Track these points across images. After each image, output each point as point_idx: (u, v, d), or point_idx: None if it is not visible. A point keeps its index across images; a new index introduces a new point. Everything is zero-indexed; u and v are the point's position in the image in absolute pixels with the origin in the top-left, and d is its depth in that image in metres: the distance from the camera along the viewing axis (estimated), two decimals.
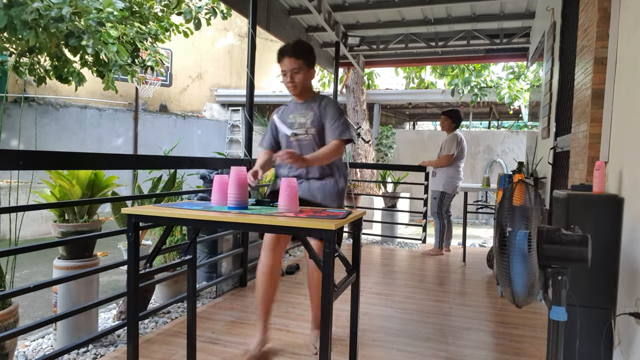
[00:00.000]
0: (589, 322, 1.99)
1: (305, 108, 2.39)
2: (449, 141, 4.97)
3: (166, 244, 3.00)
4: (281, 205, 1.60)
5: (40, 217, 7.10)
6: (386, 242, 5.94)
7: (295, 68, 2.29)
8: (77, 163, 2.28)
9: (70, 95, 9.93)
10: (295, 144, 2.39)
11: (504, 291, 1.53)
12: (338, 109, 2.39)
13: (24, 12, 4.88)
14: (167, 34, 7.03)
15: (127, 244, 1.64)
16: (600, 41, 2.40)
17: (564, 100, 3.77)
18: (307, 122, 2.36)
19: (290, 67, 2.30)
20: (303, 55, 2.31)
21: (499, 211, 1.50)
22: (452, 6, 5.31)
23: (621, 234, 2.00)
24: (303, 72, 2.32)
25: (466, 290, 3.67)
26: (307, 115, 2.37)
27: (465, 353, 2.44)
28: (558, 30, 3.98)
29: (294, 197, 1.61)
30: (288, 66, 2.30)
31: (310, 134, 2.36)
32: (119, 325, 2.50)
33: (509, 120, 17.52)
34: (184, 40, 7.79)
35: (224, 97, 12.96)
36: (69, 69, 6.06)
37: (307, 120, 2.37)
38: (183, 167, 3.12)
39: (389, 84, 13.69)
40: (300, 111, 2.40)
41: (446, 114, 5.11)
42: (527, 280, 1.45)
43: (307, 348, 2.39)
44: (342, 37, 6.25)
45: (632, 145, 1.96)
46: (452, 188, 4.93)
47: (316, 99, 2.42)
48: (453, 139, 4.96)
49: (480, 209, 7.13)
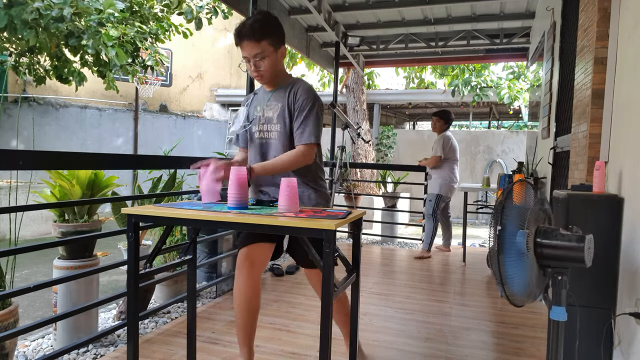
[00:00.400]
0: (589, 322, 1.99)
1: (270, 97, 1.97)
2: (438, 142, 4.94)
3: (166, 244, 3.00)
4: (281, 205, 1.60)
5: (40, 217, 7.10)
6: (386, 242, 5.94)
7: (258, 53, 1.83)
8: (77, 163, 2.27)
9: (70, 95, 9.93)
10: (259, 143, 1.99)
11: (500, 290, 1.53)
12: (311, 99, 1.93)
13: (24, 12, 4.88)
14: (167, 34, 7.04)
15: (127, 244, 1.64)
16: (600, 41, 2.40)
17: (564, 100, 3.77)
18: (274, 115, 1.94)
19: (252, 53, 1.84)
20: (267, 35, 1.83)
21: (495, 210, 1.50)
22: (452, 6, 5.31)
23: (621, 234, 2.00)
24: (269, 56, 1.86)
25: (466, 290, 3.67)
26: (273, 107, 1.96)
27: (465, 353, 2.44)
28: (558, 30, 3.98)
29: (294, 197, 1.60)
30: (249, 52, 1.84)
31: (275, 130, 1.94)
32: (119, 325, 2.50)
33: (509, 120, 17.52)
34: (184, 40, 7.79)
35: (224, 97, 12.96)
36: (69, 69, 6.06)
37: (273, 114, 1.95)
38: (183, 167, 3.12)
39: (389, 84, 13.70)
40: (267, 102, 1.98)
41: (438, 114, 5.07)
42: (524, 280, 1.45)
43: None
44: (342, 37, 6.25)
45: (632, 145, 1.96)
46: (447, 190, 4.91)
47: (286, 85, 1.97)
48: (441, 140, 4.93)
49: (480, 209, 7.12)
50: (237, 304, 1.91)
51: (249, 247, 1.90)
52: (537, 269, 1.48)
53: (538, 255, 1.47)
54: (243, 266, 1.89)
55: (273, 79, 1.95)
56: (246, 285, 1.89)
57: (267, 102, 1.97)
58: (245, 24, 1.84)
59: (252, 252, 1.90)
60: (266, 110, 1.96)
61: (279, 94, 1.96)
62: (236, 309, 1.93)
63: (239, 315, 1.92)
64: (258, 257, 1.91)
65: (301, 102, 1.90)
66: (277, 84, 1.98)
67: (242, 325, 1.93)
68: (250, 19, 1.86)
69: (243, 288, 1.89)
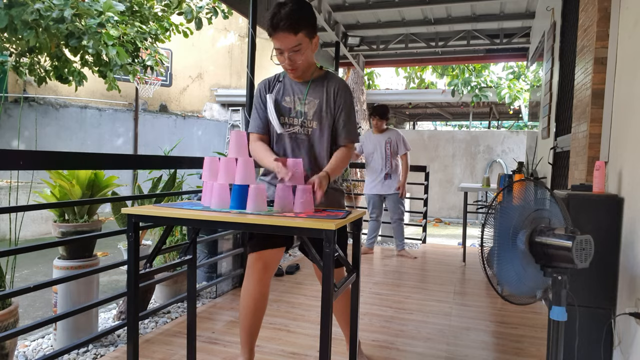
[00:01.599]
0: (589, 322, 1.99)
1: (307, 92, 1.86)
2: (403, 138, 4.77)
3: (166, 244, 3.00)
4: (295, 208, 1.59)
5: (40, 217, 7.10)
6: (386, 242, 5.94)
7: (295, 46, 1.72)
8: (77, 163, 2.27)
9: (70, 95, 9.93)
10: (288, 136, 1.89)
11: (498, 288, 1.54)
12: (349, 95, 1.90)
13: (24, 13, 4.88)
14: (167, 34, 7.04)
15: (127, 244, 1.64)
16: (600, 41, 2.40)
17: (564, 100, 3.77)
18: (310, 112, 1.86)
19: (288, 46, 1.72)
20: (304, 26, 1.71)
21: (491, 208, 1.50)
22: (452, 6, 5.31)
23: (621, 234, 2.00)
24: (305, 48, 1.75)
25: (466, 290, 3.67)
26: (309, 103, 1.86)
27: (465, 353, 2.44)
28: (558, 30, 3.98)
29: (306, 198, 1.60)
30: (286, 44, 1.72)
31: (309, 127, 1.87)
32: (119, 325, 2.50)
33: (509, 120, 17.53)
34: (184, 40, 7.80)
35: (224, 97, 12.96)
36: (69, 69, 6.07)
37: (309, 110, 1.86)
38: (183, 167, 3.12)
39: (390, 84, 13.70)
40: (300, 95, 1.88)
41: (378, 114, 4.70)
42: (518, 279, 1.45)
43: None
44: (342, 37, 6.25)
45: (632, 145, 1.96)
46: (367, 189, 4.88)
47: (322, 78, 1.88)
48: (399, 135, 4.77)
49: (480, 209, 7.13)
50: (244, 306, 1.91)
51: (263, 252, 1.91)
52: (534, 268, 1.48)
53: (535, 254, 1.47)
54: (255, 270, 1.89)
55: (305, 72, 1.86)
56: (255, 289, 1.90)
57: (303, 96, 1.87)
58: (280, 13, 1.68)
59: (265, 256, 1.90)
60: (298, 104, 1.87)
61: (315, 89, 1.87)
62: (242, 310, 1.92)
63: (245, 317, 1.92)
64: (270, 262, 1.92)
65: (347, 103, 1.88)
66: (308, 76, 1.88)
67: (246, 326, 1.93)
68: (284, 6, 1.70)
69: (252, 291, 1.90)
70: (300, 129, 1.88)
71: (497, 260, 1.48)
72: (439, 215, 10.67)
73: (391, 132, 4.77)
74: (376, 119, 4.72)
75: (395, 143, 4.71)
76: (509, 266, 1.48)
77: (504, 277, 1.48)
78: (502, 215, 1.50)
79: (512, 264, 1.47)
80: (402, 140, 4.73)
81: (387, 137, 4.71)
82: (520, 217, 1.48)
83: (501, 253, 1.49)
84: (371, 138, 4.79)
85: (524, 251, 1.47)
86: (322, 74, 1.91)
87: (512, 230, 1.48)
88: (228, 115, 12.86)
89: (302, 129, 1.88)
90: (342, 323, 2.13)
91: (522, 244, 1.47)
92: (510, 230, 1.47)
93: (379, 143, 4.71)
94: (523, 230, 1.49)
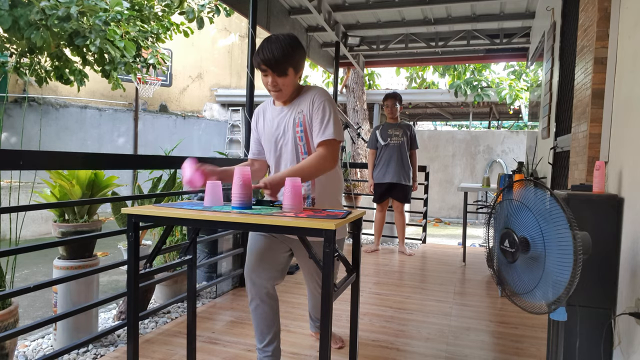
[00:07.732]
0: (589, 322, 1.99)
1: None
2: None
3: (166, 244, 3.00)
4: (284, 205, 1.59)
5: (40, 217, 7.10)
6: (386, 242, 5.94)
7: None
8: (77, 163, 2.27)
9: (70, 96, 9.94)
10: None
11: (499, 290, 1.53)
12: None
13: (30, 12, 4.87)
14: (169, 34, 7.04)
15: (127, 244, 1.64)
16: (600, 41, 2.40)
17: (564, 100, 3.77)
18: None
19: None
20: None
21: (494, 209, 1.50)
22: (452, 6, 5.31)
23: (621, 234, 2.00)
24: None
25: (466, 290, 3.67)
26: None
27: (465, 353, 2.44)
28: (558, 30, 3.98)
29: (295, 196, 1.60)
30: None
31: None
32: (119, 325, 2.50)
33: (509, 120, 17.53)
34: (184, 40, 7.80)
35: (224, 97, 12.96)
36: (70, 69, 6.06)
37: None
38: None
39: (390, 84, 13.70)
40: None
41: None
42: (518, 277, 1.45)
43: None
44: (342, 37, 6.25)
45: (632, 145, 1.96)
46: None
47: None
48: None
49: (480, 209, 7.13)
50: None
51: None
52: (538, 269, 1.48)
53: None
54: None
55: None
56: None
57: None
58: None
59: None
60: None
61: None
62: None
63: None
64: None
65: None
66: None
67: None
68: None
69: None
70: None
71: (497, 260, 1.48)
72: (439, 215, 10.67)
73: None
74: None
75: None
76: (510, 266, 1.47)
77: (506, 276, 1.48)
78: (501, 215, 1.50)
79: (510, 264, 1.47)
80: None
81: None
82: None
83: (500, 253, 1.49)
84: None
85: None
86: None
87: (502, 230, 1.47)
88: (228, 115, 12.87)
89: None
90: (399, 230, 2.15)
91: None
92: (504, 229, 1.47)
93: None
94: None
